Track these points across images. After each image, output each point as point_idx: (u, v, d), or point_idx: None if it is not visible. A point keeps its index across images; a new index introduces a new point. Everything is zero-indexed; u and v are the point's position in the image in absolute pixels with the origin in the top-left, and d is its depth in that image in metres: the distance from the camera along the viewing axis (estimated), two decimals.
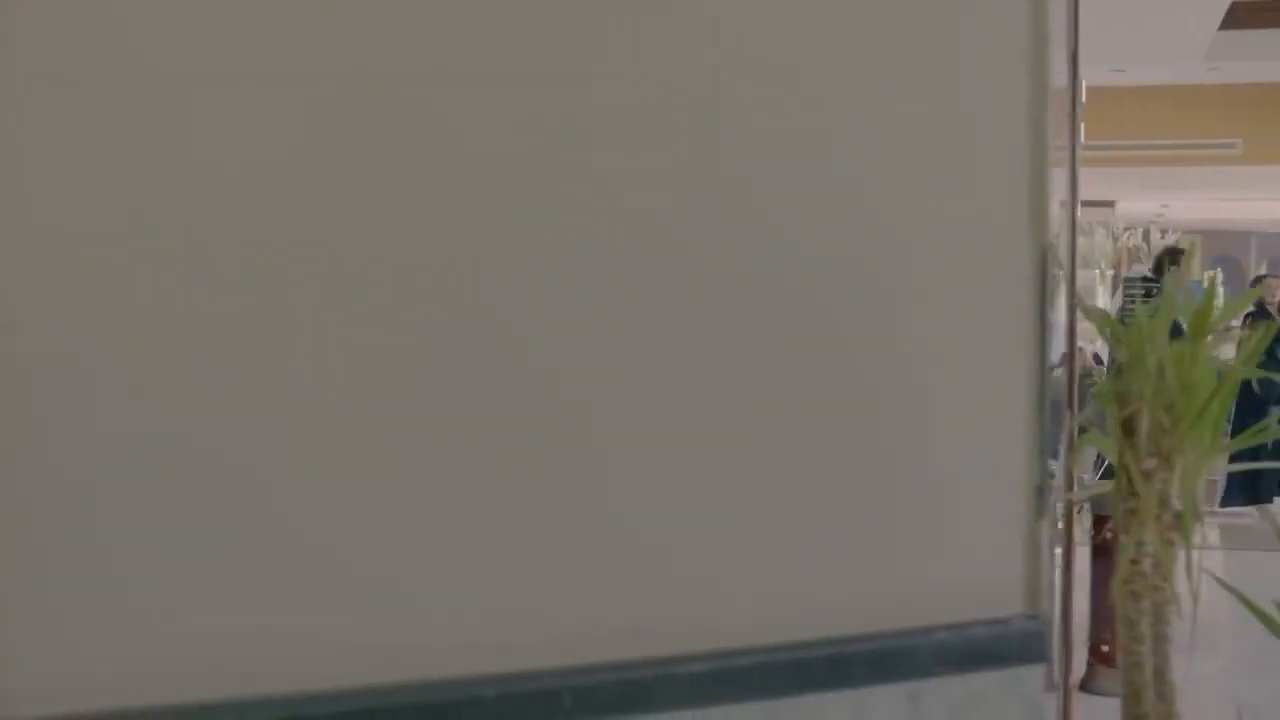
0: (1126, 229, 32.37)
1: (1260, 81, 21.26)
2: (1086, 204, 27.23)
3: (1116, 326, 2.64)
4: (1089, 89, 20.32)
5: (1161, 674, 2.99)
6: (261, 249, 1.84)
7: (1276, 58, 16.58)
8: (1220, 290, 12.58)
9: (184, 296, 1.80)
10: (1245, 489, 12.25)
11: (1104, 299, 30.53)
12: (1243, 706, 5.11)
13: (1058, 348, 3.26)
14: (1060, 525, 3.79)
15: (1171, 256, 11.84)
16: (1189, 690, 2.79)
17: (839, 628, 2.18)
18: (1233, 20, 15.23)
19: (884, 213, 2.23)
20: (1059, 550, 3.88)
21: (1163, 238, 31.85)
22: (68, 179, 1.75)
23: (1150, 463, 2.56)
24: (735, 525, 2.11)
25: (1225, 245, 38.65)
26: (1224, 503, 12.23)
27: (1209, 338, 2.69)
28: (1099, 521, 6.99)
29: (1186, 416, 2.58)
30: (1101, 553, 6.99)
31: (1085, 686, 6.95)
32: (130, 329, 1.78)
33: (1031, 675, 2.34)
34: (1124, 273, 27.35)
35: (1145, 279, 11.01)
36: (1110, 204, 33.56)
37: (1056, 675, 3.64)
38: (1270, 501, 12.12)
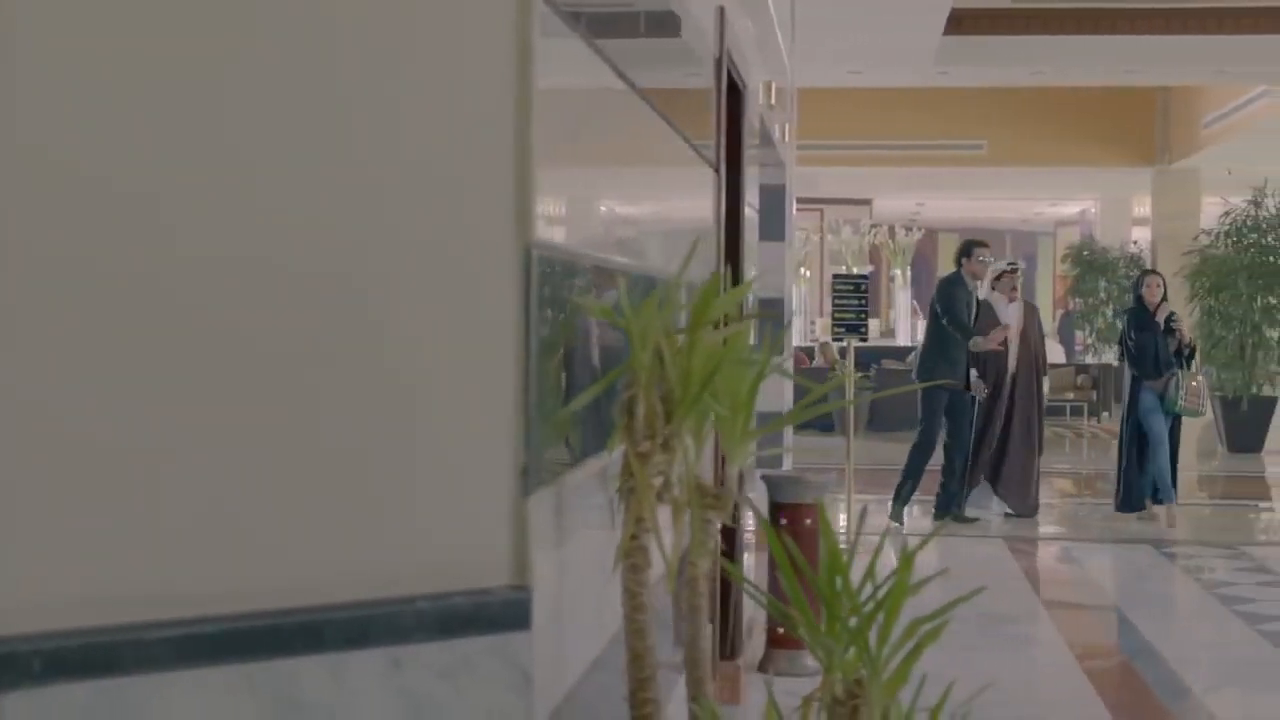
0: (873, 227, 33.14)
1: (1003, 86, 21.98)
2: (843, 202, 27.96)
3: (614, 316, 2.83)
4: (832, 91, 20.85)
5: (695, 642, 3.22)
6: None
7: (1001, 63, 17.12)
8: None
9: None
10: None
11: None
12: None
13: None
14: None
15: (964, 249, 12.36)
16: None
17: (317, 596, 2.35)
18: (957, 27, 15.74)
19: (374, 209, 2.40)
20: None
21: (907, 235, 32.71)
22: None
23: (646, 445, 2.77)
24: (210, 496, 2.25)
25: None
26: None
27: (716, 327, 2.92)
28: (775, 509, 7.28)
29: (683, 403, 2.80)
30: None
31: (763, 668, 7.23)
32: None
33: (519, 641, 2.53)
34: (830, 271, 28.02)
35: (853, 276, 11.38)
36: (867, 202, 34.42)
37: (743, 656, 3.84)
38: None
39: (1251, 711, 6.84)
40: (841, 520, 11.27)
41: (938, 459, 12.45)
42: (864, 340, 11.66)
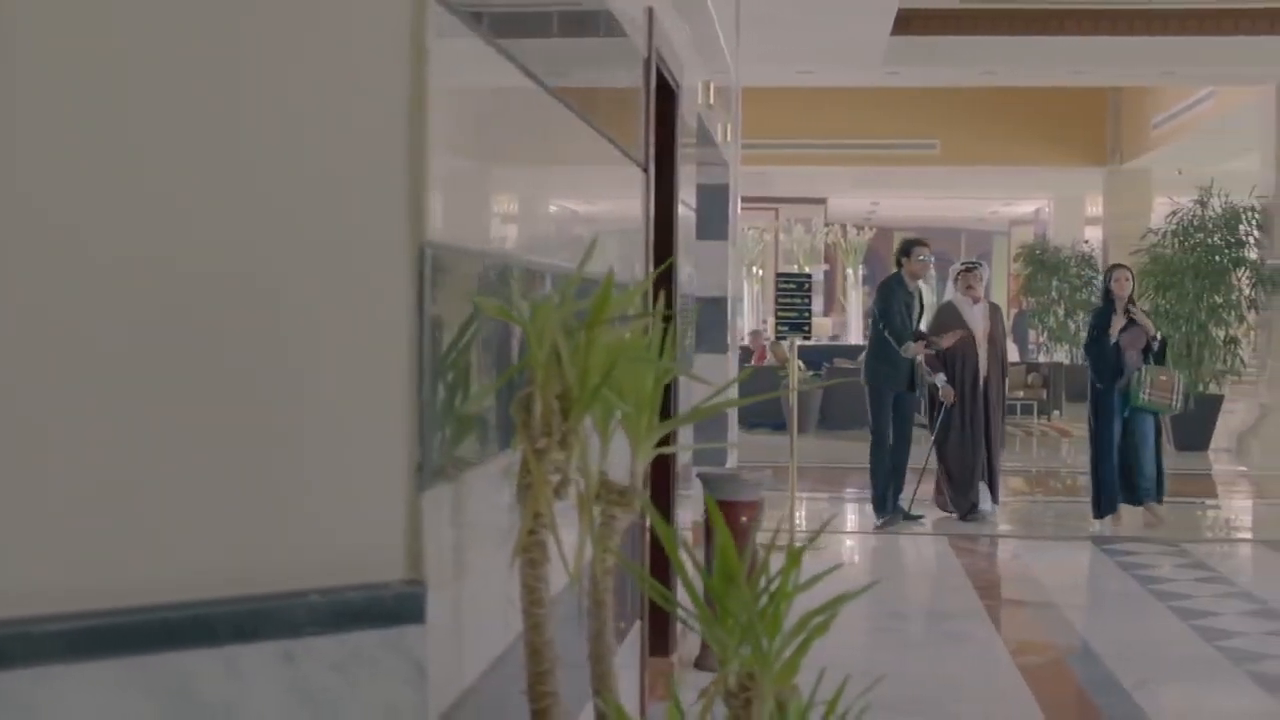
0: (825, 226, 33.24)
1: (955, 86, 22.08)
2: (798, 201, 28.04)
3: (511, 314, 2.87)
4: (785, 90, 20.92)
5: (600, 635, 3.26)
6: None
7: (950, 64, 17.21)
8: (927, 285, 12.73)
9: None
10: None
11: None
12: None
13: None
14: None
15: (904, 248, 12.19)
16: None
17: (209, 590, 2.37)
18: (906, 27, 15.82)
19: (264, 209, 2.42)
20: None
21: (859, 234, 32.81)
22: None
23: (543, 442, 2.81)
24: (100, 488, 2.28)
25: (938, 241, 39.88)
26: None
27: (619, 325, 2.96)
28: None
29: (580, 400, 2.83)
30: (711, 536, 7.32)
31: (699, 664, 7.28)
32: None
33: (413, 635, 2.57)
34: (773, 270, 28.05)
35: (796, 275, 11.44)
36: (822, 201, 34.53)
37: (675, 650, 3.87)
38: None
39: (1181, 706, 6.91)
40: (798, 518, 11.31)
41: (918, 458, 12.52)
42: (807, 339, 11.68)
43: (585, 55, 4.24)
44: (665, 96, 6.33)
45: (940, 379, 12.25)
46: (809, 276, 11.46)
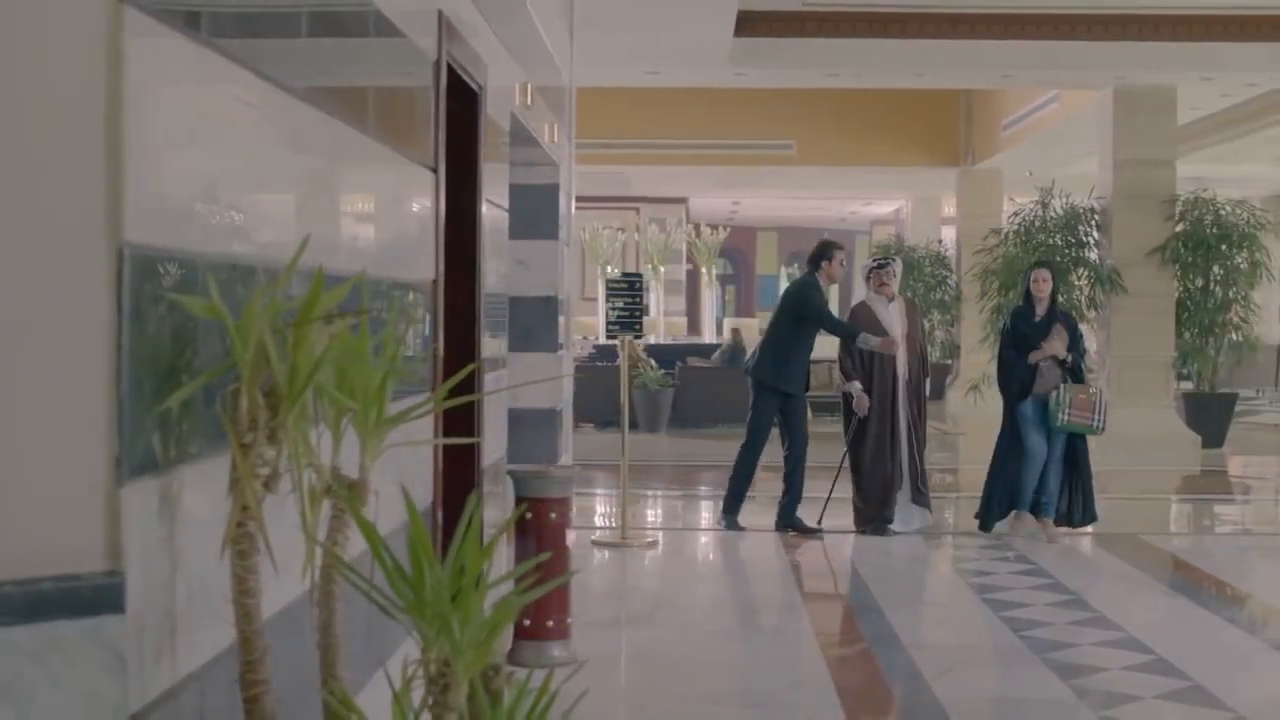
0: (678, 225, 33.41)
1: (809, 87, 22.30)
2: (659, 201, 28.22)
3: (218, 311, 2.93)
4: (643, 90, 21.06)
5: (328, 627, 3.33)
6: None
7: (794, 65, 17.42)
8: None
9: None
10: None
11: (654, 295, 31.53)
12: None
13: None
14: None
15: (823, 250, 11.70)
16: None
17: None
18: (751, 29, 16.00)
19: None
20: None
21: (714, 234, 33.04)
22: None
23: (249, 437, 2.88)
24: None
25: (799, 241, 40.34)
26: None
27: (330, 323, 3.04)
28: (521, 503, 7.42)
29: (289, 397, 2.91)
30: (524, 533, 7.42)
31: (511, 659, 7.36)
32: None
33: (111, 625, 2.64)
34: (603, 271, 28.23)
35: (627, 275, 11.56)
36: (683, 200, 34.75)
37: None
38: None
39: (974, 694, 7.08)
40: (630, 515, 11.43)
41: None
42: (639, 337, 11.80)
43: (346, 56, 4.31)
44: (465, 98, 6.40)
45: (855, 387, 11.48)
46: (639, 277, 11.55)
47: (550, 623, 7.35)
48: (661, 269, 30.91)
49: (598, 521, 12.28)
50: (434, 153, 5.52)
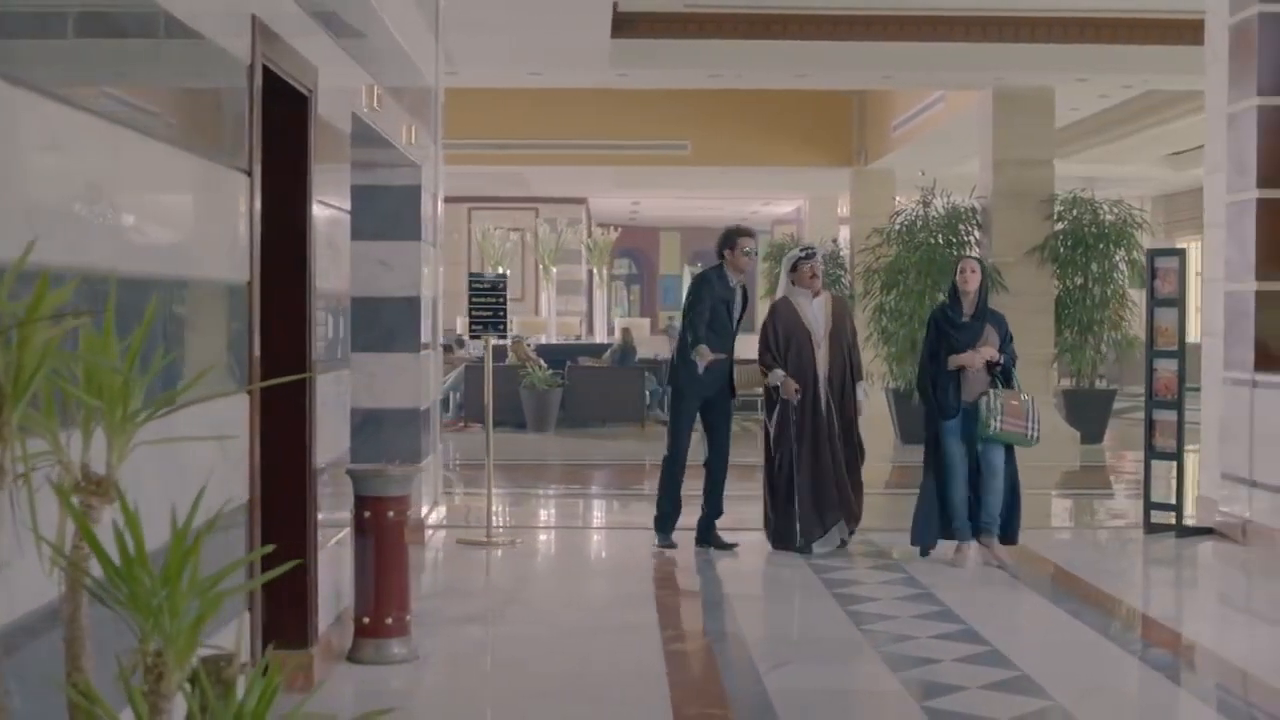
0: (568, 225, 33.50)
1: (703, 88, 22.43)
2: (558, 201, 28.28)
3: None
4: (533, 91, 21.13)
5: (73, 620, 3.39)
6: None
7: (675, 66, 17.54)
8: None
9: None
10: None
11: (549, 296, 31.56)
12: None
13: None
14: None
15: (728, 241, 10.83)
16: None
17: None
18: (631, 30, 16.11)
19: None
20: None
21: (605, 234, 33.15)
22: None
23: None
24: None
25: (700, 240, 40.52)
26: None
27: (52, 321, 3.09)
28: (360, 502, 7.49)
29: (14, 396, 2.97)
30: (363, 532, 7.49)
31: (352, 657, 7.43)
32: None
33: None
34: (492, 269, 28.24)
35: (490, 276, 11.64)
36: (582, 201, 34.87)
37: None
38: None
39: (801, 685, 7.18)
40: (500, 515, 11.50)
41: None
42: (503, 338, 11.89)
43: (125, 59, 4.35)
44: (293, 101, 6.46)
45: (778, 375, 10.57)
46: (503, 277, 11.64)
47: (389, 620, 7.42)
48: (554, 269, 30.97)
49: (469, 521, 12.31)
50: (247, 155, 5.56)
